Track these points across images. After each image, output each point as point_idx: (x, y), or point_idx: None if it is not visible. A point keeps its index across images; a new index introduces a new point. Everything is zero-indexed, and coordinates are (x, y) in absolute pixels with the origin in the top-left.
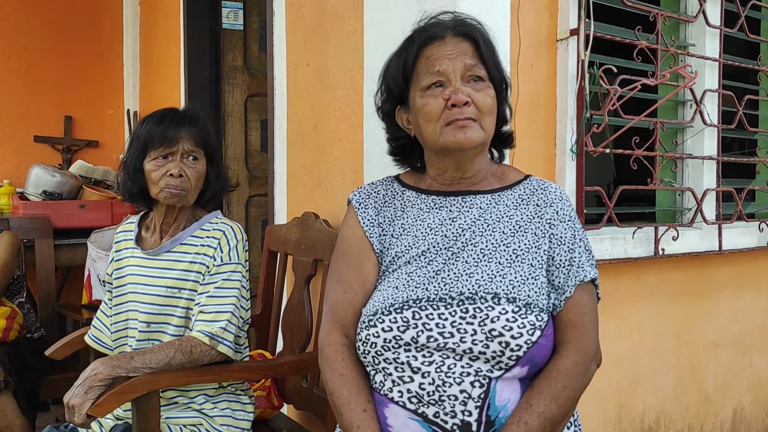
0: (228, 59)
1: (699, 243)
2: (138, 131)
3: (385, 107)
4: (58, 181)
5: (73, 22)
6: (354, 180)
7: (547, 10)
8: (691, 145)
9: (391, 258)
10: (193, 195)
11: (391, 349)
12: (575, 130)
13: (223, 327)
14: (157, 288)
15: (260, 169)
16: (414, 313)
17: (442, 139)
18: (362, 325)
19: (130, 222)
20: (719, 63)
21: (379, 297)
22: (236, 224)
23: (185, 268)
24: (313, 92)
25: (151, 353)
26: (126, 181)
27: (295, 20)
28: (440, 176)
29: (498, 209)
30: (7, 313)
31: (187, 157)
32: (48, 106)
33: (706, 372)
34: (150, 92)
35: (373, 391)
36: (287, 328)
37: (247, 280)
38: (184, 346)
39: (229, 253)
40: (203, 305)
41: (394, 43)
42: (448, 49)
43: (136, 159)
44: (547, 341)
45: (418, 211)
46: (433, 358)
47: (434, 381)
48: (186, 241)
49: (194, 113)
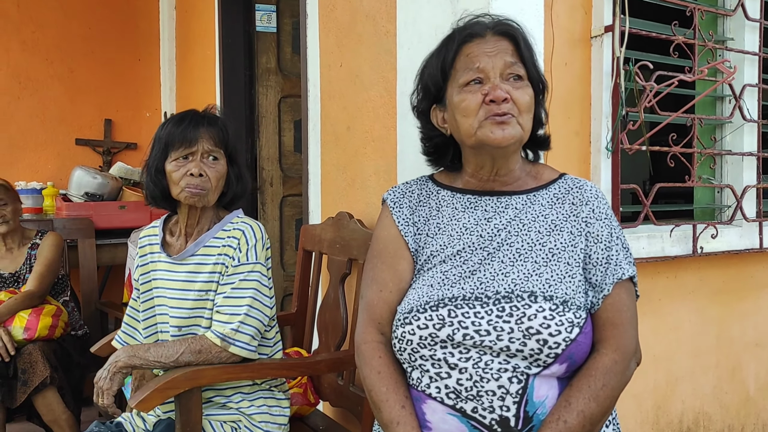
0: (262, 61)
1: (739, 241)
2: (159, 134)
3: (421, 106)
4: (99, 183)
5: (111, 27)
6: (387, 180)
7: (581, 7)
8: (731, 141)
9: (427, 257)
10: (214, 195)
11: (427, 347)
12: (610, 128)
13: (235, 328)
14: (187, 292)
15: (294, 170)
16: (450, 311)
17: (480, 133)
18: (397, 323)
19: (154, 226)
20: (759, 57)
21: (414, 295)
22: (256, 223)
23: (210, 270)
24: (347, 93)
25: (165, 347)
26: (149, 184)
27: (328, 22)
28: (477, 173)
29: (533, 209)
30: (52, 311)
31: (207, 157)
32: (88, 109)
33: (747, 372)
34: (186, 95)
35: (410, 388)
36: (323, 326)
37: (269, 278)
38: (193, 345)
39: (247, 253)
40: (219, 305)
41: (427, 44)
42: (488, 46)
43: (157, 161)
44: (585, 339)
45: (453, 211)
46: (470, 354)
47: (472, 377)
48: (209, 243)
49: (213, 114)
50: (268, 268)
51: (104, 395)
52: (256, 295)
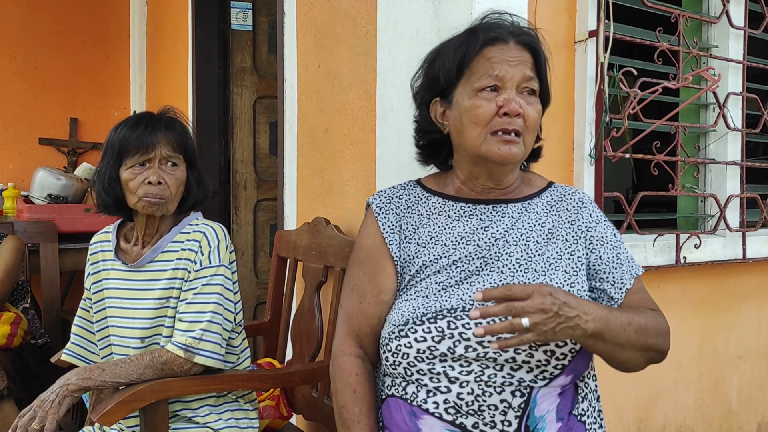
0: (237, 60)
1: (722, 251)
2: (111, 138)
3: (423, 95)
4: (64, 185)
5: (79, 22)
6: (366, 185)
7: (565, 11)
8: (714, 149)
9: (419, 267)
10: (174, 203)
11: (426, 360)
12: (594, 135)
13: (198, 337)
14: (146, 301)
15: (269, 173)
16: (449, 323)
17: (484, 147)
18: (391, 336)
19: (107, 232)
20: (743, 65)
21: (409, 306)
22: (218, 225)
23: (170, 276)
24: (325, 95)
25: (123, 365)
26: (100, 192)
27: (306, 21)
28: (470, 182)
29: (530, 218)
30: (11, 319)
31: (165, 164)
32: (53, 107)
33: (730, 385)
34: (157, 94)
35: (403, 402)
36: (297, 336)
37: (234, 282)
38: (155, 362)
39: (209, 256)
40: (181, 313)
41: (409, 46)
42: (511, 54)
43: (111, 168)
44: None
45: (446, 219)
46: (472, 367)
47: (473, 391)
48: (167, 248)
49: (171, 116)
50: (232, 271)
51: (49, 419)
52: (220, 300)
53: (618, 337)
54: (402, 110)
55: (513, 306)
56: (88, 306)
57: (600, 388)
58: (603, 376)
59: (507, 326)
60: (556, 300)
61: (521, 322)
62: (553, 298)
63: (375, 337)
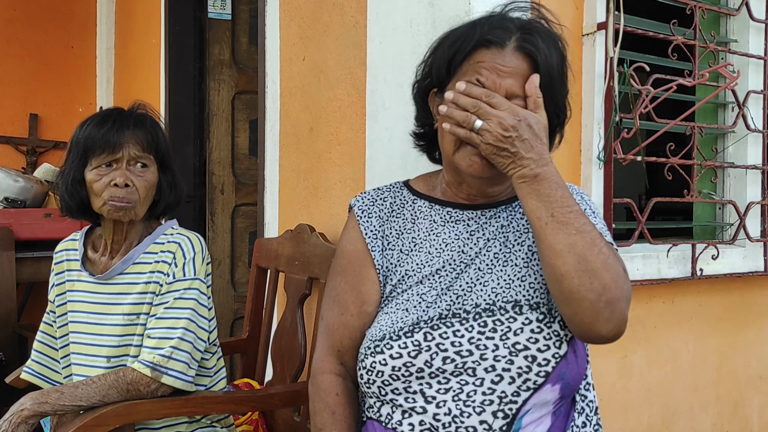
0: (214, 52)
1: (742, 263)
2: (76, 136)
3: (423, 84)
4: (22, 187)
5: (40, 9)
6: (354, 189)
7: (572, 2)
8: (733, 152)
9: (401, 277)
10: (143, 207)
11: (401, 378)
12: (603, 136)
13: (167, 355)
14: (114, 317)
15: (248, 175)
16: (426, 335)
17: (457, 158)
18: (367, 351)
19: (73, 239)
20: (765, 61)
21: (387, 321)
22: (194, 235)
23: (141, 290)
24: (310, 90)
25: (84, 386)
26: (63, 194)
27: (290, 10)
28: (455, 187)
29: (522, 222)
30: None
31: (134, 165)
32: (11, 103)
33: (750, 408)
34: (126, 88)
35: (379, 425)
36: (278, 354)
37: (209, 297)
38: (120, 382)
39: (183, 268)
40: (150, 329)
41: (401, 38)
42: (504, 62)
43: (75, 168)
44: (576, 359)
45: (431, 224)
46: (450, 385)
47: (451, 411)
48: (139, 259)
49: (141, 113)
50: (207, 285)
51: None
52: (192, 316)
53: (555, 207)
54: (394, 107)
55: (480, 105)
56: (51, 320)
57: (611, 412)
58: (615, 399)
59: (464, 116)
60: (521, 134)
61: (474, 120)
62: (520, 130)
63: (357, 352)
